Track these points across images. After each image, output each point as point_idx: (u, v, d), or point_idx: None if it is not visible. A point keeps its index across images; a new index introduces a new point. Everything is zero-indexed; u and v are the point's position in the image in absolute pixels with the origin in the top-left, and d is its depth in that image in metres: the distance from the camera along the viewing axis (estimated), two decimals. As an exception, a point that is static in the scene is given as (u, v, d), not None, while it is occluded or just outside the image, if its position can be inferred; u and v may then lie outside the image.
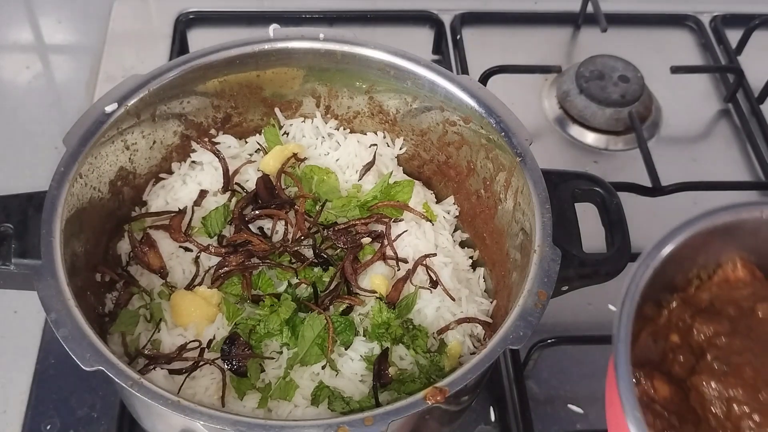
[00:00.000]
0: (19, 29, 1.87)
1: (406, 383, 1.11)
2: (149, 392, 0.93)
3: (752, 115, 1.74)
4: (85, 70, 1.76)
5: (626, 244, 1.15)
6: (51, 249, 1.03)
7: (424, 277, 1.22)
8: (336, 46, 1.28)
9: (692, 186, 1.54)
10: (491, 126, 1.21)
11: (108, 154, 1.20)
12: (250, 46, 1.27)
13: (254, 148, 1.36)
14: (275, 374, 1.12)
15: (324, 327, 1.12)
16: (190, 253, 1.23)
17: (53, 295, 1.00)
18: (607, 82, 1.71)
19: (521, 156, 1.17)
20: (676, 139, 1.72)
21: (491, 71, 1.69)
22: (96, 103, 1.19)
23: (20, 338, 1.34)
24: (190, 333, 1.14)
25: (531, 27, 1.91)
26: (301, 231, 1.23)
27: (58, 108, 1.71)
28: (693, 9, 1.94)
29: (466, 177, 1.32)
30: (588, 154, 1.68)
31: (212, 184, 1.29)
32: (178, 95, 1.27)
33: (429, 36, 1.86)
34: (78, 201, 1.13)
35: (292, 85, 1.34)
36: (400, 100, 1.32)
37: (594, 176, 1.22)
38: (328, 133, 1.38)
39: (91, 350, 0.96)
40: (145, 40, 1.79)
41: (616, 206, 1.19)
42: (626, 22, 1.90)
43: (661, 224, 0.98)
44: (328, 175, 1.30)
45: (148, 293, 1.20)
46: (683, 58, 1.85)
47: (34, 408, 1.26)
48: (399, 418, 0.94)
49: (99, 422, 1.25)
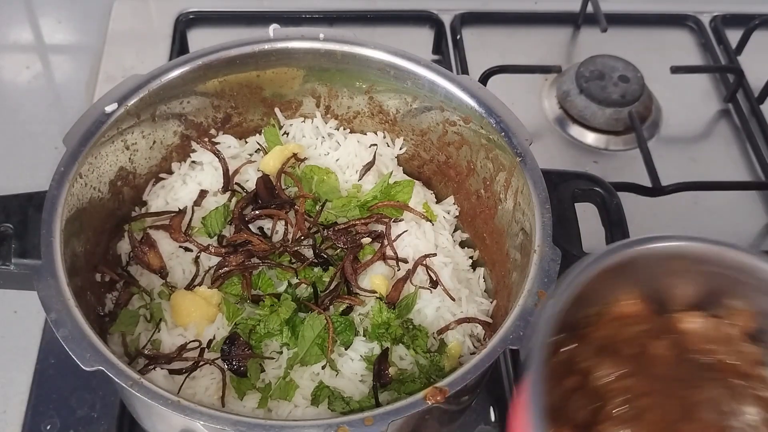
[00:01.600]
0: (19, 29, 1.87)
1: (406, 383, 1.11)
2: (149, 392, 0.93)
3: (752, 115, 1.74)
4: (85, 70, 1.76)
5: (626, 244, 1.15)
6: (51, 249, 1.03)
7: (424, 277, 1.22)
8: (336, 46, 1.28)
9: (692, 186, 1.54)
10: (491, 126, 1.21)
11: (108, 154, 1.20)
12: (250, 46, 1.27)
13: (254, 148, 1.36)
14: (275, 374, 1.12)
15: (324, 327, 1.12)
16: (190, 253, 1.23)
17: (53, 295, 1.00)
18: (607, 82, 1.71)
19: (521, 156, 1.17)
20: (676, 139, 1.72)
21: (491, 71, 1.69)
22: (96, 103, 1.19)
23: (20, 338, 1.34)
24: (190, 333, 1.14)
25: (531, 27, 1.91)
26: (301, 231, 1.23)
27: (58, 108, 1.71)
28: (693, 9, 1.94)
29: (466, 177, 1.32)
30: (588, 154, 1.68)
31: (212, 184, 1.29)
32: (178, 95, 1.27)
33: (429, 36, 1.86)
34: (78, 201, 1.13)
35: (292, 85, 1.34)
36: (400, 100, 1.32)
37: (594, 176, 1.22)
38: (328, 133, 1.38)
39: (91, 350, 0.96)
40: (145, 40, 1.80)
41: (616, 206, 1.19)
42: (626, 22, 1.90)
43: (661, 224, 0.98)
44: (328, 175, 1.30)
45: (148, 293, 1.20)
46: (683, 58, 1.85)
47: (34, 408, 1.26)
48: (399, 418, 0.94)
49: (99, 422, 1.25)
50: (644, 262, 0.93)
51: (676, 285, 0.95)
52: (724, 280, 0.93)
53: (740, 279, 0.92)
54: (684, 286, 0.96)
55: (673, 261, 0.93)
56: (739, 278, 0.92)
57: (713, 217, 1.58)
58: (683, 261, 0.93)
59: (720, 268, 0.93)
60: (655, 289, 0.96)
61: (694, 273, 0.94)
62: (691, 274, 0.94)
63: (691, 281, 0.95)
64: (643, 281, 0.94)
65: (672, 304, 0.96)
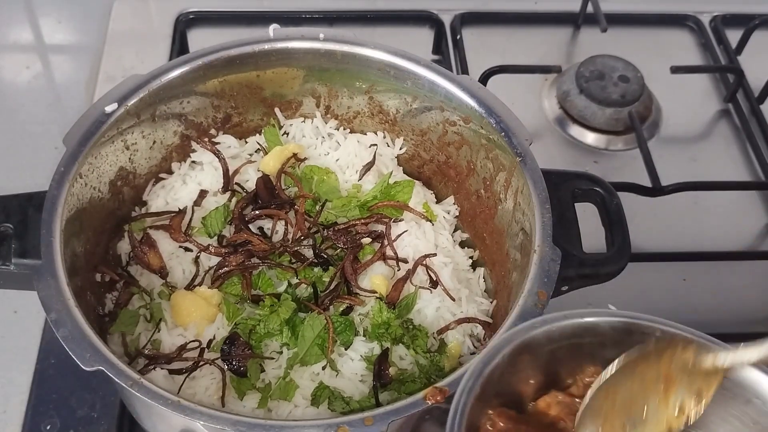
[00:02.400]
0: (19, 29, 1.87)
1: (406, 383, 1.11)
2: (149, 392, 0.93)
3: (752, 115, 1.74)
4: (85, 70, 1.76)
5: (626, 244, 1.15)
6: (51, 249, 1.03)
7: (424, 277, 1.22)
8: (336, 46, 1.28)
9: (692, 186, 1.54)
10: (491, 126, 1.21)
11: (108, 154, 1.20)
12: (250, 46, 1.27)
13: (254, 148, 1.36)
14: (275, 374, 1.12)
15: (324, 327, 1.12)
16: (190, 253, 1.23)
17: (53, 295, 1.00)
18: (607, 82, 1.71)
19: (521, 156, 1.17)
20: (676, 139, 1.72)
21: (491, 71, 1.69)
22: (96, 103, 1.19)
23: (20, 338, 1.33)
24: (190, 333, 1.14)
25: (531, 27, 1.91)
26: (301, 231, 1.23)
27: (58, 108, 1.71)
28: (693, 9, 1.94)
29: (466, 177, 1.32)
30: (588, 154, 1.68)
31: (212, 184, 1.29)
32: (178, 95, 1.27)
33: (429, 36, 1.85)
34: (78, 201, 1.13)
35: (292, 85, 1.34)
36: (400, 100, 1.32)
37: (594, 176, 1.22)
38: (328, 133, 1.38)
39: (91, 350, 0.96)
40: (145, 40, 1.79)
41: (616, 206, 1.19)
42: (626, 22, 1.90)
43: (661, 224, 0.97)
44: (328, 175, 1.30)
45: (148, 293, 1.19)
46: (683, 58, 1.85)
47: (34, 408, 1.26)
48: (399, 418, 0.94)
49: (99, 422, 1.25)
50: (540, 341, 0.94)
51: (531, 375, 0.96)
52: (573, 351, 0.95)
53: (585, 342, 0.95)
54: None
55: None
56: (583, 343, 0.95)
57: (713, 217, 1.58)
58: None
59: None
60: (514, 386, 0.96)
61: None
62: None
63: (545, 365, 0.96)
64: (501, 384, 0.93)
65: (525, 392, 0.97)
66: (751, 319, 1.45)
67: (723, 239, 1.54)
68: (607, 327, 0.94)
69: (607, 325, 0.94)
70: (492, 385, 0.89)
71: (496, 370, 0.89)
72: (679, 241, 1.52)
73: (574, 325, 0.94)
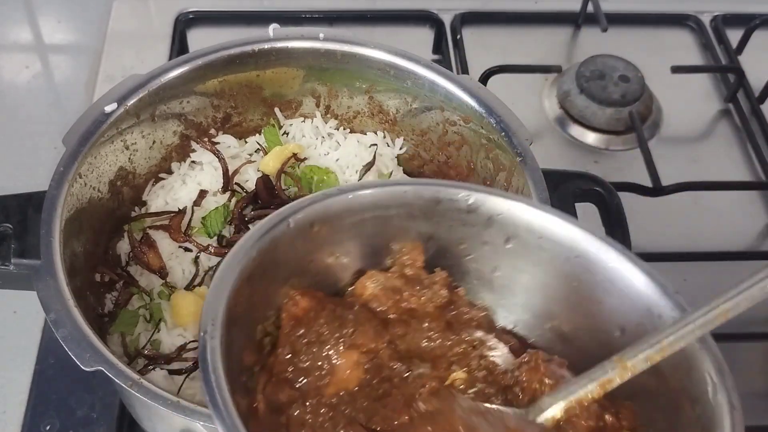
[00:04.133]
0: (18, 29, 1.87)
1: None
2: (149, 392, 0.93)
3: (753, 115, 1.73)
4: (84, 70, 1.76)
5: (626, 244, 1.15)
6: (50, 249, 1.03)
7: (425, 277, 1.22)
8: (336, 46, 1.28)
9: (692, 186, 1.54)
10: (491, 126, 1.21)
11: (107, 154, 1.20)
12: (250, 46, 1.27)
13: (254, 148, 1.36)
14: (275, 374, 1.12)
15: (324, 327, 1.12)
16: (189, 253, 1.23)
17: (53, 295, 0.99)
18: (607, 82, 1.71)
19: (521, 156, 1.16)
20: (676, 139, 1.72)
21: (491, 71, 1.69)
22: (95, 103, 1.18)
23: (20, 338, 1.33)
24: (190, 333, 1.14)
25: (531, 27, 1.91)
26: (301, 231, 1.23)
27: (57, 108, 1.71)
28: (693, 9, 1.94)
29: (466, 177, 1.32)
30: (588, 154, 1.67)
31: (212, 184, 1.29)
32: (177, 95, 1.26)
33: (429, 36, 1.85)
34: (77, 201, 1.13)
35: (292, 85, 1.34)
36: (400, 100, 1.32)
37: (594, 176, 1.22)
38: (328, 133, 1.37)
39: (91, 350, 0.96)
40: (145, 40, 1.79)
41: (616, 206, 1.19)
42: (627, 22, 1.90)
43: (662, 224, 0.97)
44: (328, 175, 1.30)
45: (148, 293, 1.19)
46: (684, 58, 1.84)
47: (33, 408, 1.26)
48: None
49: (99, 423, 1.25)
50: (286, 247, 0.82)
51: (336, 251, 0.87)
52: (381, 225, 0.87)
53: (392, 215, 0.87)
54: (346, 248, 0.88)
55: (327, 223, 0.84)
56: (390, 215, 0.87)
57: (714, 217, 1.58)
58: (339, 222, 0.85)
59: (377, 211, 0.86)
60: (308, 273, 0.86)
61: (349, 233, 0.87)
62: (346, 234, 0.87)
63: (351, 241, 0.88)
64: (294, 269, 0.84)
65: (342, 275, 0.88)
66: (751, 319, 1.45)
67: (723, 239, 1.54)
68: (413, 195, 0.87)
69: (413, 193, 0.87)
70: (278, 262, 0.80)
71: (281, 242, 0.80)
72: (680, 241, 1.52)
73: (375, 195, 0.86)
